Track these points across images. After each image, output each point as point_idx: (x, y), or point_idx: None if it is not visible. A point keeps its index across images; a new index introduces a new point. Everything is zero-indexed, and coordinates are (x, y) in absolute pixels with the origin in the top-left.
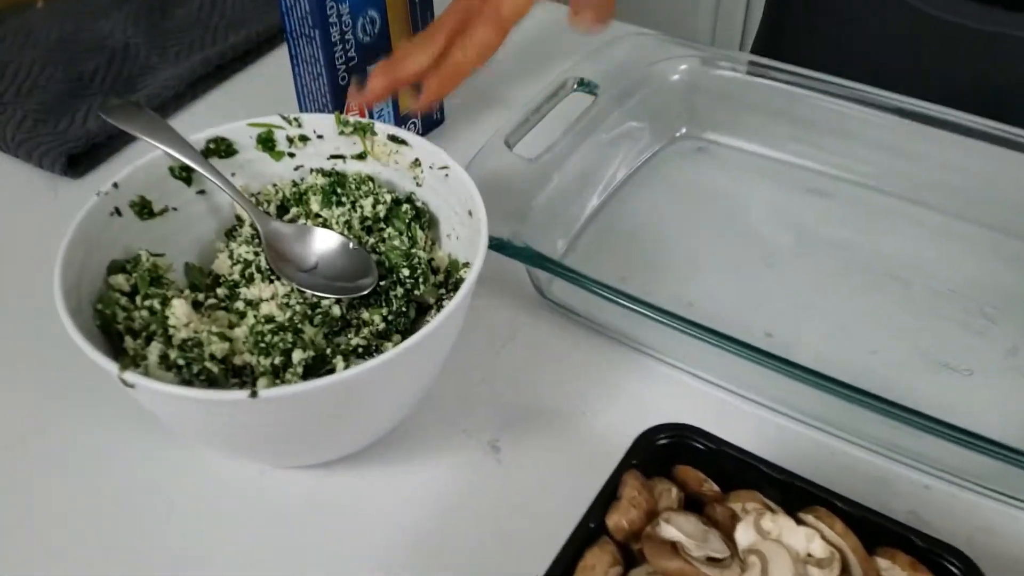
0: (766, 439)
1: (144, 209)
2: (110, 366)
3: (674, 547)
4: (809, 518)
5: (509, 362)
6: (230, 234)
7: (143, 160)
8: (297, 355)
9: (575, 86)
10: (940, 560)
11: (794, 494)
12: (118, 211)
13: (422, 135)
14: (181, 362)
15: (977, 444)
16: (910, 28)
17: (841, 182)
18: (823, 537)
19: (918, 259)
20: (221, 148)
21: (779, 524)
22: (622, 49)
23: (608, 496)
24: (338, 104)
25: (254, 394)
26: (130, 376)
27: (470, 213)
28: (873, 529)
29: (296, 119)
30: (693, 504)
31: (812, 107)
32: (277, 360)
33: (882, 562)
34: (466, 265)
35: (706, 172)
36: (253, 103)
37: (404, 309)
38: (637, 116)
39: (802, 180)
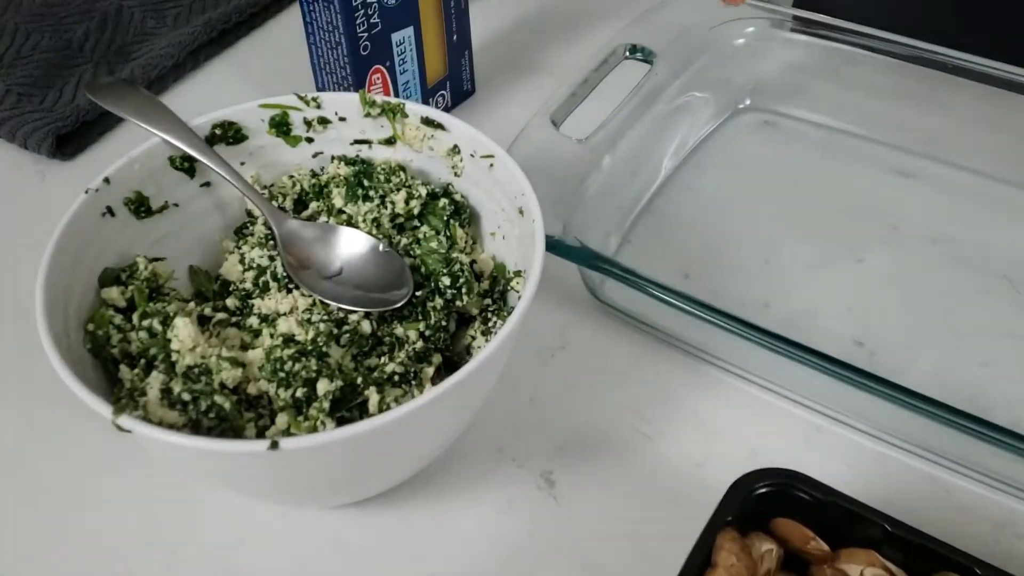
0: (864, 471)
1: (141, 207)
2: (103, 409)
3: None
4: None
5: (560, 375)
6: (240, 233)
7: (138, 150)
8: (323, 386)
9: (627, 54)
10: None
11: (918, 554)
12: (111, 211)
13: (450, 108)
14: (187, 396)
15: None
16: None
17: (931, 161)
18: None
19: None
20: (229, 134)
21: None
22: (677, 9)
23: (701, 561)
24: (360, 79)
25: (275, 445)
26: (127, 422)
27: (520, 211)
28: None
29: (315, 99)
30: (795, 563)
31: (895, 75)
32: (299, 392)
33: None
34: (517, 274)
35: (776, 150)
36: (261, 76)
37: (444, 323)
38: (697, 87)
39: (886, 159)
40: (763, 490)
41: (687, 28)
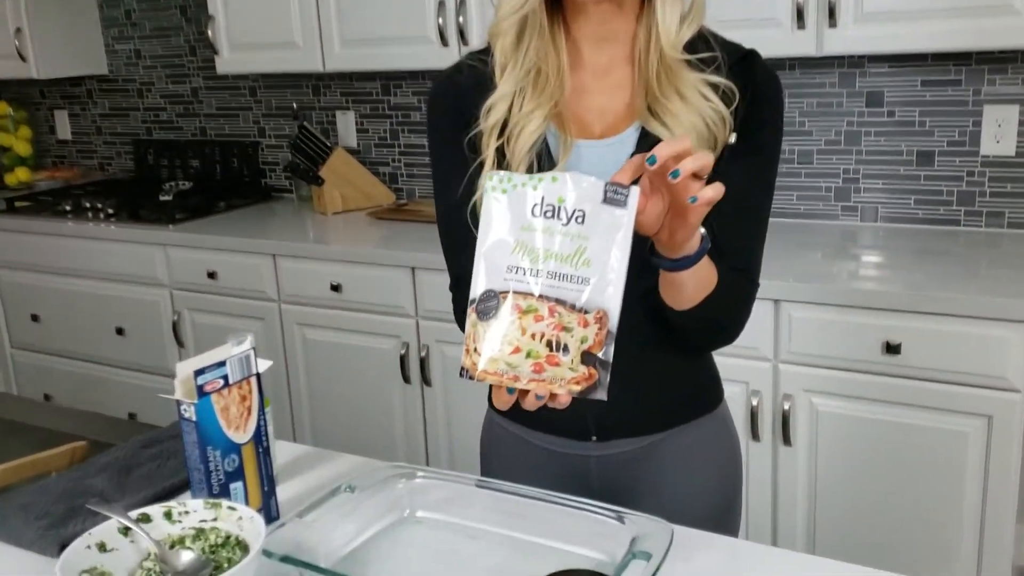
0: None
1: (102, 547)
2: None
3: None
4: None
5: None
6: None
7: (98, 528)
8: None
9: (344, 489)
10: None
11: None
12: (88, 547)
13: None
14: None
15: None
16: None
17: None
18: None
19: None
20: (145, 519)
21: None
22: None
23: None
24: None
25: None
26: None
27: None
28: None
29: (183, 503)
30: None
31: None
32: None
33: None
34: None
35: (424, 539)
36: None
37: None
38: (382, 504)
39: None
40: None
41: (382, 477)
